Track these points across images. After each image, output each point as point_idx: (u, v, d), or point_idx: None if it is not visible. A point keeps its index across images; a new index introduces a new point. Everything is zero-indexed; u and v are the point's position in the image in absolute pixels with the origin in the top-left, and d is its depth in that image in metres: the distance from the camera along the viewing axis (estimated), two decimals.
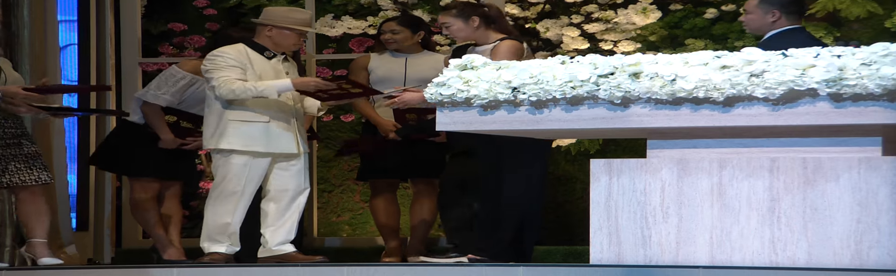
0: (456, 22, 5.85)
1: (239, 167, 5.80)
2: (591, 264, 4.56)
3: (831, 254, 4.33)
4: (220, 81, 5.75)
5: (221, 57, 5.82)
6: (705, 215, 4.47)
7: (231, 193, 5.81)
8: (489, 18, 5.85)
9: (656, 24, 6.96)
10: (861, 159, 4.34)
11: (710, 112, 4.39)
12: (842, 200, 4.34)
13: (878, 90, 4.18)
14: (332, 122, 7.36)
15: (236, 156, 5.81)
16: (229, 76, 5.76)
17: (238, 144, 5.78)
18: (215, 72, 5.79)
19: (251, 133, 5.80)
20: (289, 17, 5.88)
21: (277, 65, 5.92)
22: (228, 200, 5.81)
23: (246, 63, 5.82)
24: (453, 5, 5.93)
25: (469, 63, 4.69)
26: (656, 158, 4.57)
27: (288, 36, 5.88)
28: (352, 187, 7.33)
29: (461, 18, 5.84)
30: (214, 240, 5.85)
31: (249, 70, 5.82)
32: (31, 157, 5.78)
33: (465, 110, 4.65)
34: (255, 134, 5.80)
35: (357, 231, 7.31)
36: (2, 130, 5.76)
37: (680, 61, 4.43)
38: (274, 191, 5.91)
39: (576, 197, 7.01)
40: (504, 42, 5.80)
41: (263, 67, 5.86)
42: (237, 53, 5.85)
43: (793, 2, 5.31)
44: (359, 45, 7.34)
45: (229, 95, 5.75)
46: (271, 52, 5.91)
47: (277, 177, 5.90)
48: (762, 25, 5.32)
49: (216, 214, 5.83)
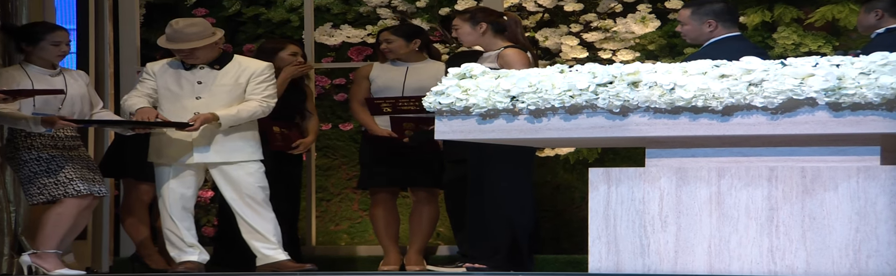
0: (464, 26, 5.89)
1: (164, 180, 5.96)
2: (590, 273, 4.55)
3: (830, 263, 4.33)
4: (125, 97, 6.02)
5: (142, 72, 6.06)
6: (704, 224, 4.46)
7: (164, 205, 5.97)
8: (500, 26, 5.88)
9: (655, 33, 6.96)
10: (860, 169, 4.34)
11: (708, 121, 4.39)
12: (840, 209, 4.34)
13: (876, 99, 4.18)
14: (331, 130, 7.36)
15: (158, 168, 5.99)
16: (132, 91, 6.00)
17: (151, 156, 6.02)
18: None
19: (154, 145, 5.99)
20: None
21: (198, 74, 5.94)
22: (163, 209, 5.97)
23: (159, 74, 5.96)
24: (470, 10, 5.98)
25: (468, 72, 4.69)
26: (655, 167, 4.56)
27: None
28: (350, 195, 7.32)
29: (470, 23, 5.88)
30: (178, 249, 5.93)
31: (162, 81, 5.95)
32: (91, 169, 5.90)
33: (463, 119, 4.65)
34: (156, 146, 5.99)
35: (356, 240, 7.31)
36: None
37: (679, 70, 4.43)
38: (229, 200, 5.95)
39: (574, 206, 7.00)
40: (509, 50, 5.82)
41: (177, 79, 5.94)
42: (156, 65, 6.01)
43: (725, 10, 5.36)
44: (358, 53, 7.35)
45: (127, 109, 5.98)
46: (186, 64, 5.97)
47: (221, 188, 5.96)
48: (700, 35, 5.38)
49: (168, 226, 5.99)
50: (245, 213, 5.93)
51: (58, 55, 5.86)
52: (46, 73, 5.85)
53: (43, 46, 5.81)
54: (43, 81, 5.81)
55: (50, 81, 5.82)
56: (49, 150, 5.77)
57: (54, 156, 5.76)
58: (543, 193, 6.93)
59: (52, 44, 5.82)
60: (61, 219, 5.74)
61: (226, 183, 5.95)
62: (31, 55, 5.85)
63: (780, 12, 6.78)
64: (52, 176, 5.71)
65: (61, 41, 5.84)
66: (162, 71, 5.96)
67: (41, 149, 5.76)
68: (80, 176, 5.75)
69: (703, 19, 5.36)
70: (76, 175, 5.74)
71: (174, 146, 5.91)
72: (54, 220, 5.74)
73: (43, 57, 5.84)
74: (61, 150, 5.80)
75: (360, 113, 6.55)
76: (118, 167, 6.44)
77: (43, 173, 5.72)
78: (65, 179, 5.72)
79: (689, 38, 5.46)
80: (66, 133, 5.83)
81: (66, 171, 5.73)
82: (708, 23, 5.36)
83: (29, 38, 5.83)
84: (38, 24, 6.09)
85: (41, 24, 6.09)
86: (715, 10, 5.36)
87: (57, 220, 5.73)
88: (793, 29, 6.75)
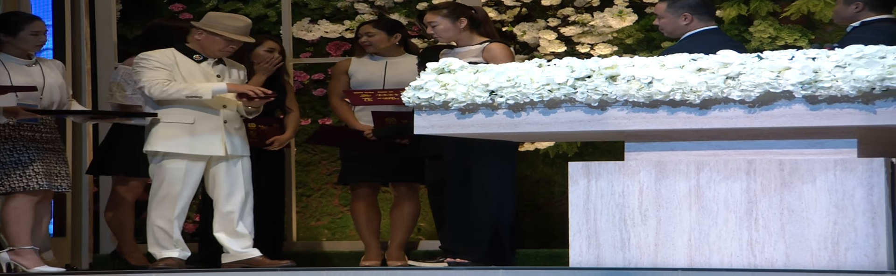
0: (444, 22, 5.88)
1: (170, 171, 5.82)
2: (571, 267, 4.57)
3: (809, 256, 4.35)
4: (149, 81, 5.80)
5: (146, 59, 5.87)
6: (683, 217, 4.48)
7: (164, 196, 5.83)
8: (476, 21, 5.89)
9: (632, 27, 6.97)
10: (837, 161, 4.36)
11: (686, 115, 4.41)
12: (818, 201, 4.36)
13: (852, 92, 4.20)
14: (310, 126, 7.35)
15: (167, 159, 5.83)
16: (158, 77, 5.78)
17: (162, 146, 5.81)
18: (142, 74, 5.84)
19: (175, 135, 5.82)
20: (222, 23, 5.89)
21: (207, 68, 5.92)
22: (163, 204, 5.83)
23: (172, 65, 5.84)
24: (444, 5, 5.97)
25: (446, 66, 4.69)
26: (634, 160, 4.58)
27: (215, 41, 5.89)
28: (331, 191, 7.32)
29: (450, 18, 5.88)
30: (164, 246, 5.86)
31: (176, 72, 5.84)
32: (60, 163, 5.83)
33: (442, 114, 4.65)
34: (180, 136, 5.82)
35: (336, 235, 7.30)
36: None
37: (656, 64, 4.45)
38: (216, 196, 5.91)
39: (554, 200, 7.02)
40: (495, 45, 5.84)
41: (191, 71, 5.88)
42: (162, 55, 5.89)
43: (701, 3, 5.39)
44: (336, 48, 7.34)
45: (161, 95, 5.78)
46: (201, 55, 5.92)
47: (217, 181, 5.90)
48: (676, 28, 5.41)
49: (157, 221, 5.86)
50: (229, 209, 5.90)
51: (36, 45, 5.83)
52: (23, 63, 5.81)
53: (22, 36, 5.78)
54: (19, 71, 5.78)
55: (27, 72, 5.79)
56: (25, 142, 5.74)
57: (29, 148, 5.73)
58: (523, 187, 6.94)
59: (32, 34, 5.79)
60: (19, 214, 5.72)
61: (225, 177, 5.89)
62: (7, 45, 5.81)
63: (756, 6, 6.79)
64: (20, 168, 5.69)
65: (40, 31, 5.82)
66: (178, 61, 5.88)
67: (17, 140, 5.73)
68: (46, 171, 5.73)
69: (679, 12, 5.39)
70: (43, 170, 5.71)
71: (210, 136, 5.84)
72: (14, 216, 5.72)
73: (21, 47, 5.81)
74: (38, 142, 5.78)
75: (340, 108, 6.54)
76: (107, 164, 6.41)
77: (11, 165, 5.69)
78: (32, 172, 5.69)
79: (666, 32, 5.48)
80: (45, 126, 5.81)
81: (35, 165, 5.71)
82: (684, 16, 5.38)
83: (7, 28, 5.79)
84: (15, 13, 6.06)
85: (18, 13, 6.06)
86: (690, 3, 5.39)
87: (16, 215, 5.71)
88: (769, 22, 6.77)
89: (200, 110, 5.84)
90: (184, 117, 5.82)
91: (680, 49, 4.88)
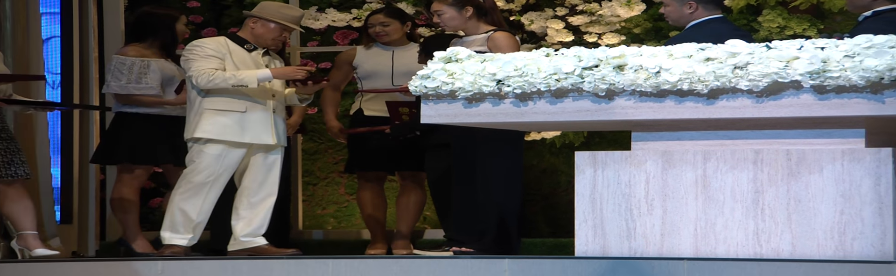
0: (450, 10, 5.88)
1: (212, 158, 5.80)
2: (577, 256, 4.57)
3: (815, 245, 4.35)
4: (197, 71, 5.77)
5: (199, 47, 5.84)
6: (690, 207, 4.48)
7: (201, 183, 5.81)
8: (482, 10, 5.88)
9: (640, 17, 6.96)
10: (845, 151, 4.35)
11: (694, 104, 4.40)
12: (825, 191, 4.35)
13: (861, 82, 4.19)
14: (317, 115, 7.36)
15: (211, 145, 5.80)
16: (206, 66, 5.76)
17: (212, 132, 5.78)
18: (190, 62, 5.81)
19: (225, 122, 5.80)
20: (278, 11, 5.90)
21: (258, 58, 5.92)
22: (199, 191, 5.81)
23: (225, 53, 5.83)
24: None
25: (453, 55, 4.69)
26: (641, 150, 4.57)
27: (271, 30, 5.89)
28: (337, 179, 7.32)
29: (455, 7, 5.87)
30: (177, 231, 5.84)
31: (228, 61, 5.82)
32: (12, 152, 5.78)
33: (449, 103, 4.64)
34: (230, 123, 5.80)
35: (342, 224, 7.31)
36: None
37: (664, 54, 4.44)
38: (249, 183, 5.90)
39: (560, 190, 7.02)
40: (499, 34, 5.83)
41: (243, 59, 5.87)
42: (216, 43, 5.87)
43: None
44: (343, 37, 7.33)
45: (207, 84, 5.76)
46: (252, 45, 5.91)
47: (253, 169, 5.90)
48: (681, 17, 5.39)
49: (184, 205, 5.82)
50: (254, 198, 5.90)
51: None
52: None
53: None
54: None
55: None
56: None
57: None
58: (529, 176, 6.94)
59: None
60: None
61: (262, 165, 5.90)
62: None
63: None
64: None
65: None
66: (231, 50, 5.86)
67: None
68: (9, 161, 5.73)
69: (685, 1, 5.37)
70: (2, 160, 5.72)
71: (260, 125, 5.84)
72: None
73: None
74: None
75: (328, 100, 6.55)
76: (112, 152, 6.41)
77: None
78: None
79: (671, 20, 5.47)
80: None
81: None
82: (689, 4, 5.36)
83: None
84: None
85: None
86: None
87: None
88: (777, 12, 6.75)
89: (250, 99, 5.84)
90: (234, 105, 5.82)
91: (685, 38, 4.87)
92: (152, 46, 6.27)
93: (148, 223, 7.09)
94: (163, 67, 6.21)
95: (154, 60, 6.17)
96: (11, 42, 6.61)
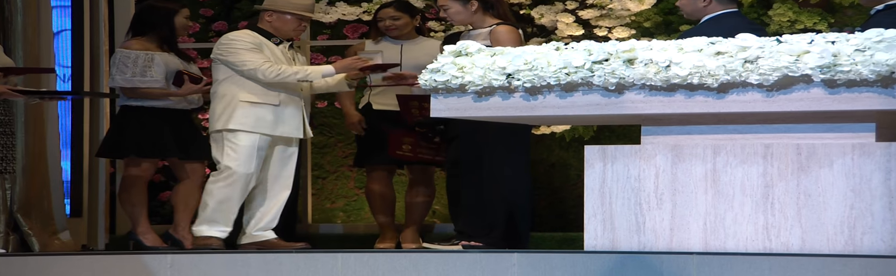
0: (454, 5, 5.87)
1: (248, 149, 5.81)
2: (586, 250, 4.57)
3: (825, 240, 4.34)
4: (257, 63, 5.77)
5: (239, 41, 5.85)
6: (699, 201, 4.47)
7: (242, 175, 5.81)
8: (488, 3, 5.88)
9: (651, 11, 6.95)
10: (855, 145, 4.34)
11: (704, 98, 4.39)
12: (835, 186, 4.35)
13: (871, 76, 4.18)
14: (327, 108, 7.36)
15: (245, 137, 5.82)
16: (259, 59, 5.78)
17: (248, 125, 5.80)
18: (239, 55, 5.81)
19: (261, 115, 5.82)
20: (290, 2, 5.90)
21: (285, 51, 5.95)
22: (239, 182, 5.81)
23: (262, 46, 5.85)
24: None
25: (463, 49, 4.68)
26: (650, 144, 4.57)
27: (288, 21, 5.91)
28: (346, 173, 7.33)
29: (460, 1, 5.86)
30: (215, 223, 5.84)
31: (267, 54, 5.85)
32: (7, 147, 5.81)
33: (459, 97, 4.64)
34: (265, 116, 5.82)
35: (351, 218, 7.32)
36: None
37: (674, 47, 4.43)
38: (264, 176, 5.91)
39: (570, 184, 7.01)
40: (501, 27, 5.81)
41: (275, 52, 5.90)
42: (252, 37, 5.88)
43: None
44: (353, 31, 7.33)
45: (275, 78, 5.78)
46: (278, 38, 5.94)
47: (270, 162, 5.91)
48: (695, 10, 5.39)
49: (224, 197, 5.82)
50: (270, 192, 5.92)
51: None
52: None
53: None
54: None
55: None
56: None
57: None
58: (539, 170, 6.93)
59: None
60: None
61: (280, 159, 5.92)
62: None
63: None
64: None
65: None
66: (264, 43, 5.88)
67: None
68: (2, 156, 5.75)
69: None
70: None
71: (292, 119, 5.85)
72: None
73: None
74: None
75: (343, 93, 6.55)
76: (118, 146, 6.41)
77: None
78: None
79: (685, 13, 5.46)
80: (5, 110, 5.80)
81: None
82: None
83: None
84: None
85: None
86: None
87: None
88: (788, 6, 6.73)
89: (285, 92, 5.86)
90: (270, 98, 5.83)
91: (700, 32, 4.86)
92: (153, 39, 6.27)
93: (157, 217, 7.10)
94: (167, 60, 6.21)
95: (158, 54, 6.17)
96: (22, 35, 6.61)
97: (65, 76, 7.23)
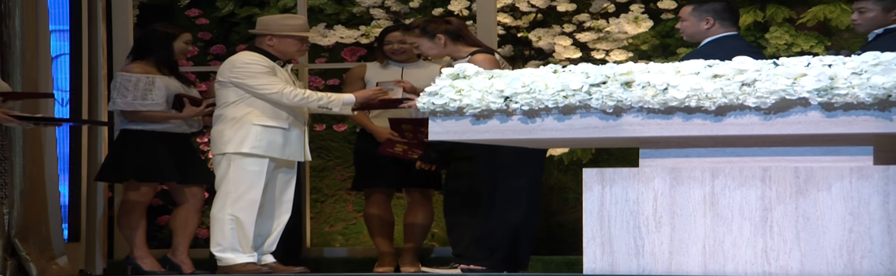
0: (422, 41, 5.89)
1: (256, 174, 5.81)
2: (585, 274, 4.55)
3: (824, 264, 4.33)
4: (277, 87, 5.78)
5: (255, 64, 5.87)
6: (698, 224, 4.46)
7: (253, 200, 5.80)
8: (454, 34, 5.88)
9: (648, 34, 6.96)
10: (853, 169, 4.34)
11: (701, 121, 4.39)
12: (834, 209, 4.34)
13: (868, 99, 4.18)
14: (325, 131, 7.36)
15: (253, 161, 5.81)
16: (279, 83, 5.80)
17: (261, 148, 5.81)
18: (257, 79, 5.82)
19: (272, 138, 5.83)
20: (285, 24, 5.92)
21: (289, 73, 5.98)
22: (251, 207, 5.80)
23: (275, 69, 5.88)
24: (415, 24, 5.96)
25: (461, 72, 4.69)
26: (649, 167, 4.56)
27: (290, 43, 5.93)
28: (344, 197, 7.32)
29: (426, 37, 5.88)
30: (238, 250, 5.80)
31: (280, 75, 5.87)
32: None
33: (457, 120, 4.64)
34: (275, 139, 5.84)
35: (350, 241, 7.30)
36: None
37: (672, 70, 4.43)
38: (267, 200, 5.90)
39: (569, 207, 7.00)
40: (477, 56, 5.84)
41: (283, 75, 5.92)
42: (264, 60, 5.91)
43: (726, 9, 5.38)
44: (351, 54, 7.34)
45: (299, 102, 5.81)
46: (281, 60, 5.96)
47: (275, 186, 5.91)
48: (696, 32, 5.40)
49: (238, 222, 5.80)
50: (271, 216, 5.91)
51: None
52: None
53: None
54: None
55: None
56: None
57: None
58: None
59: None
60: None
61: (280, 182, 5.92)
62: None
63: (772, 12, 6.78)
64: None
65: None
66: (275, 67, 5.90)
67: None
68: None
69: (703, 16, 5.37)
70: None
71: (296, 142, 5.86)
72: None
73: None
74: None
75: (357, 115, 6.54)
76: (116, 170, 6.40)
77: None
78: None
79: (686, 35, 5.46)
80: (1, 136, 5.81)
81: None
82: (706, 20, 5.36)
83: None
84: None
85: None
86: (715, 8, 5.37)
87: None
88: (785, 29, 6.75)
89: (293, 115, 5.87)
90: (280, 122, 5.84)
91: (702, 54, 4.86)
92: (153, 63, 6.27)
93: (155, 241, 7.08)
94: (167, 83, 6.22)
95: (158, 77, 6.18)
96: (21, 59, 6.62)
97: (63, 100, 7.23)
